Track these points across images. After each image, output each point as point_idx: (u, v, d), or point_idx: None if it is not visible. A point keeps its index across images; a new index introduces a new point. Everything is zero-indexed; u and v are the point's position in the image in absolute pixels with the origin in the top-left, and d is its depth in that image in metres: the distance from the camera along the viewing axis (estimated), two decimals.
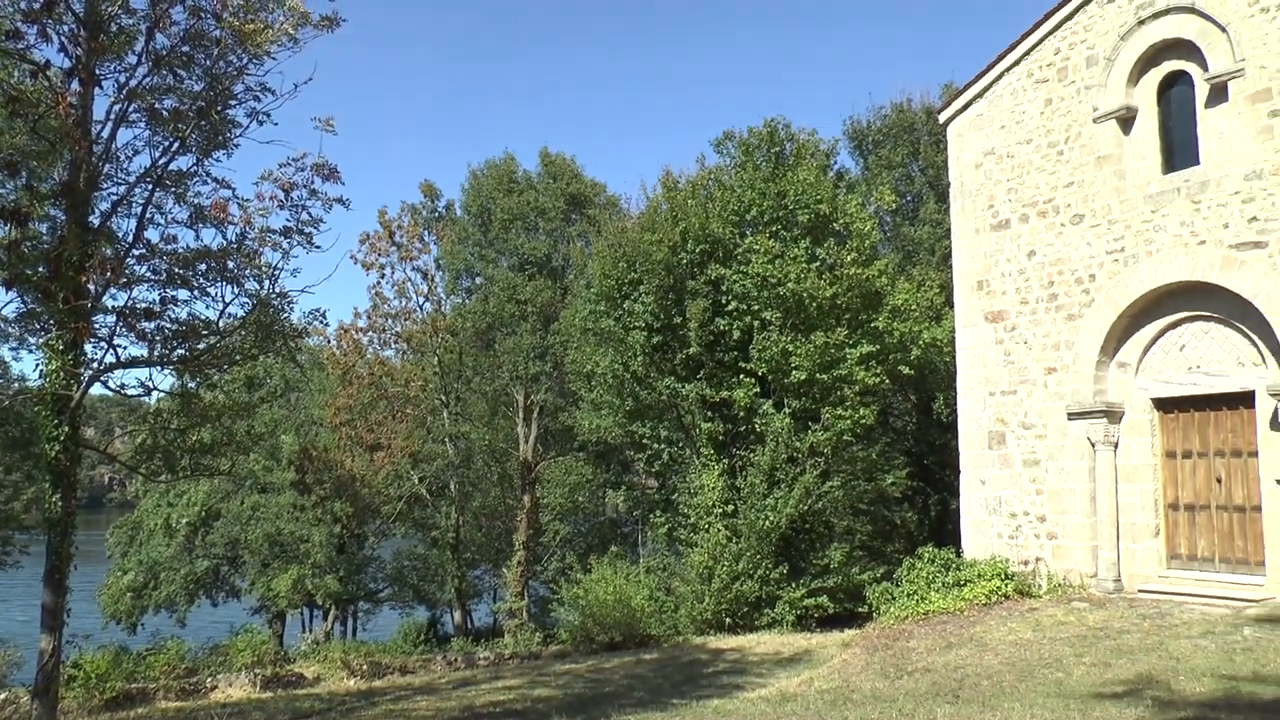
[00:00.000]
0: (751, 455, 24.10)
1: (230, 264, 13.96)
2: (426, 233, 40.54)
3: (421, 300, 39.49)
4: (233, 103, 13.59)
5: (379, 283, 38.49)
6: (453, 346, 38.82)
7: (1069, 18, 18.72)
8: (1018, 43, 19.50)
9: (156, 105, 13.16)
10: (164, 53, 12.88)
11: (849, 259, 24.53)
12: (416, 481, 39.13)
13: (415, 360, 40.40)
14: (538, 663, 20.62)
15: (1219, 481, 16.68)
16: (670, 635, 22.29)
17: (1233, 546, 16.41)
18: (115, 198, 13.08)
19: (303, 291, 15.08)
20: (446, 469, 38.98)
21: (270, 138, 21.34)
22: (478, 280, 40.51)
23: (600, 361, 25.90)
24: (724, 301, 24.74)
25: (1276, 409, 15.54)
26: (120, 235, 13.22)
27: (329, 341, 39.75)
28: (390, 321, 39.20)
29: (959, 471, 20.19)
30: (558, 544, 39.96)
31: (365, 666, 19.60)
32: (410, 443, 37.42)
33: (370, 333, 39.13)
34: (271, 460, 39.24)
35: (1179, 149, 17.28)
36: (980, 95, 20.22)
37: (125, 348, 13.43)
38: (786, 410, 24.17)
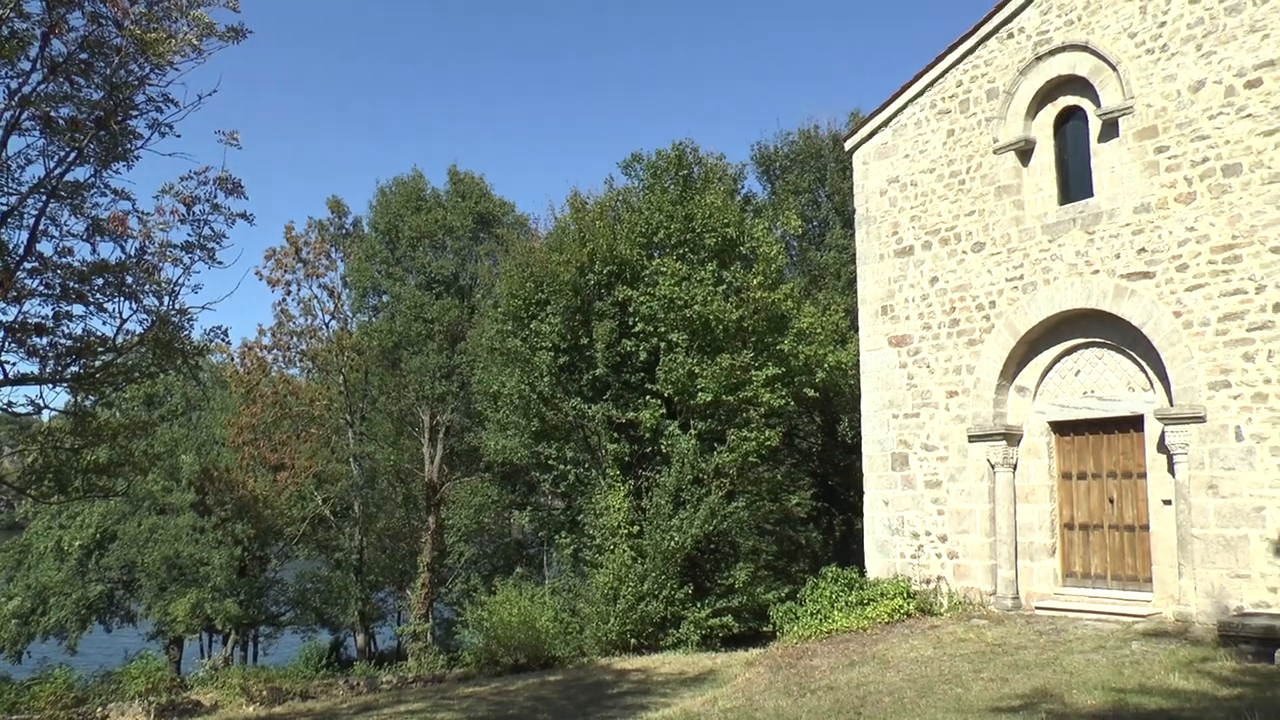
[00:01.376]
0: (657, 476, 24.15)
1: (128, 279, 13.71)
2: (334, 249, 40.16)
3: (328, 318, 39.12)
4: (133, 113, 13.36)
5: (284, 299, 38.03)
6: (358, 365, 38.39)
7: (971, 51, 19.21)
8: (922, 74, 19.93)
9: (52, 113, 12.88)
10: (60, 59, 12.61)
11: (755, 282, 24.77)
12: (320, 502, 38.54)
13: (320, 379, 39.91)
14: (441, 686, 20.42)
15: (1111, 502, 17.18)
16: (575, 656, 22.21)
17: (1124, 564, 16.91)
18: (5, 208, 12.77)
19: (204, 308, 14.87)
20: (351, 489, 38.49)
21: (173, 150, 21.02)
22: (384, 298, 40.07)
23: (506, 382, 25.77)
24: (631, 323, 24.80)
25: (1163, 432, 16.04)
26: (11, 247, 12.90)
27: (232, 359, 39.12)
28: (295, 339, 38.70)
29: (863, 492, 20.48)
30: (463, 565, 39.67)
31: (265, 692, 19.21)
32: (314, 463, 36.88)
33: (275, 350, 38.57)
34: (170, 481, 38.33)
35: (1075, 181, 17.83)
36: (885, 124, 20.61)
37: (14, 364, 13.11)
38: (692, 431, 24.28)
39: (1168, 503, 16.04)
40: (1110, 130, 17.20)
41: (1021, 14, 18.47)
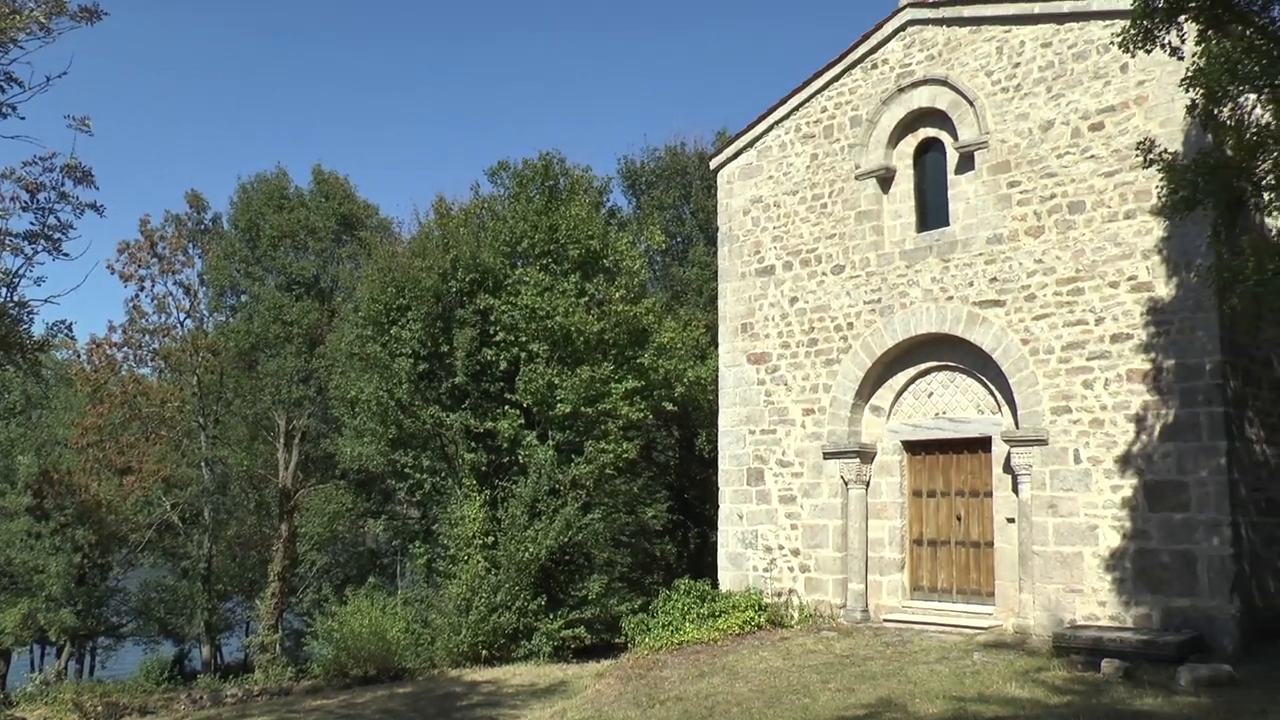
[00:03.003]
0: (514, 487, 23.95)
1: None
2: (191, 246, 38.89)
3: (183, 316, 37.85)
4: None
5: (137, 296, 36.61)
6: (214, 366, 37.20)
7: (837, 79, 19.60)
8: (788, 98, 20.26)
9: None
10: None
11: (617, 295, 24.79)
12: (169, 508, 37.20)
13: (173, 379, 38.62)
14: (288, 699, 19.87)
15: (959, 519, 17.68)
16: (426, 668, 21.87)
17: (969, 579, 17.44)
18: None
19: (46, 301, 14.18)
20: (201, 495, 37.26)
21: (16, 133, 20.02)
22: (243, 298, 38.97)
23: (365, 387, 25.29)
24: (492, 332, 24.57)
25: (1009, 454, 16.57)
26: None
27: (78, 356, 37.60)
28: (148, 337, 37.31)
29: (718, 506, 20.63)
30: (315, 575, 38.75)
31: (100, 708, 18.40)
32: (163, 466, 35.63)
33: (125, 348, 37.12)
34: (4, 483, 36.52)
35: (932, 210, 18.34)
36: (751, 145, 20.87)
37: None
38: (550, 442, 24.16)
39: (1011, 521, 16.57)
40: (967, 163, 17.72)
41: (886, 46, 18.93)
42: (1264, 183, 11.88)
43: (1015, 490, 16.50)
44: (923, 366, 18.25)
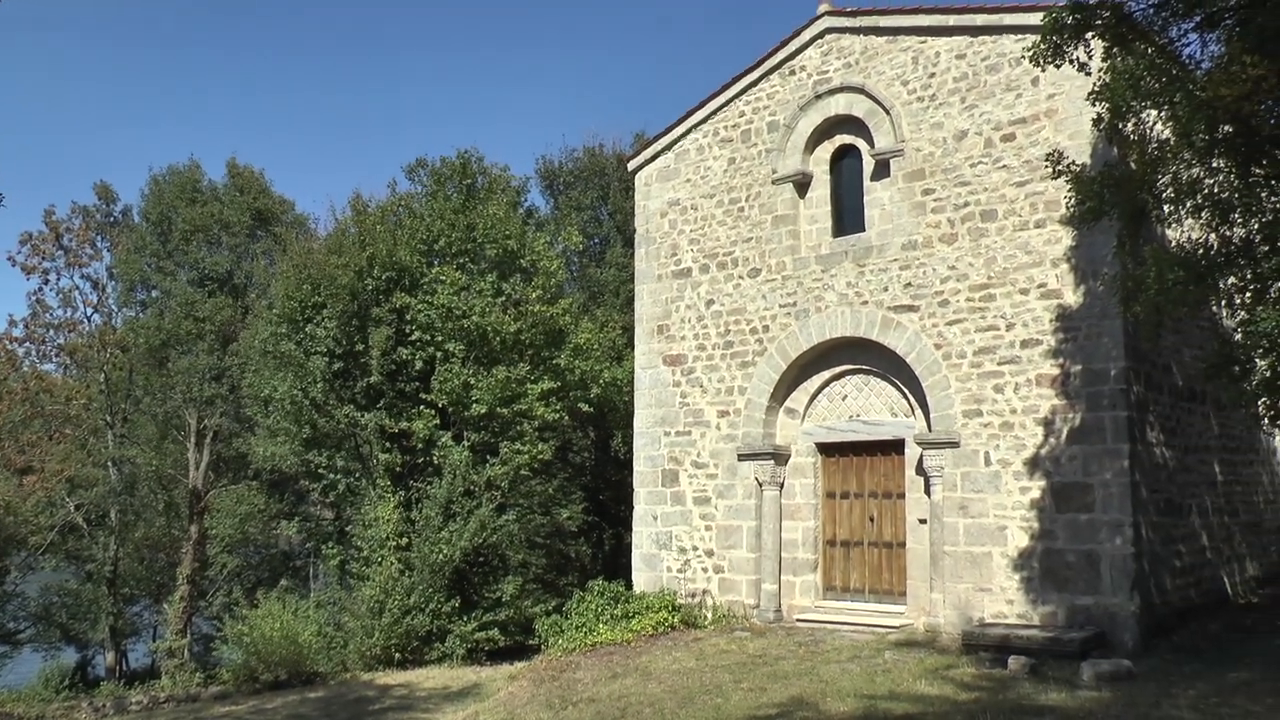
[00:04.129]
0: (429, 488, 23.78)
1: None
2: (99, 238, 37.91)
3: (90, 311, 36.88)
4: None
5: (41, 289, 35.61)
6: (122, 363, 36.35)
7: (755, 84, 19.78)
8: (707, 101, 20.40)
9: None
10: None
11: (534, 296, 24.74)
12: (72, 509, 36.20)
13: (79, 376, 37.66)
14: (196, 705, 19.52)
15: (872, 520, 17.94)
16: (339, 672, 21.61)
17: (881, 579, 17.71)
18: None
19: None
20: (108, 495, 36.33)
21: None
22: (154, 293, 38.14)
23: (278, 386, 24.93)
24: (408, 331, 24.36)
25: (922, 456, 16.83)
26: None
27: None
28: (52, 332, 36.28)
29: (634, 507, 20.69)
30: (225, 578, 38.02)
31: None
32: (67, 466, 34.64)
33: (28, 343, 36.04)
34: None
35: (848, 216, 18.59)
36: (669, 148, 20.97)
37: None
38: (466, 443, 24.02)
39: (923, 522, 16.86)
40: (883, 170, 18.00)
41: (804, 53, 19.15)
42: (1164, 195, 12.25)
43: (927, 492, 16.79)
44: (838, 370, 18.50)
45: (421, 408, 24.24)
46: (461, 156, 26.70)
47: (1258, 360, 12.28)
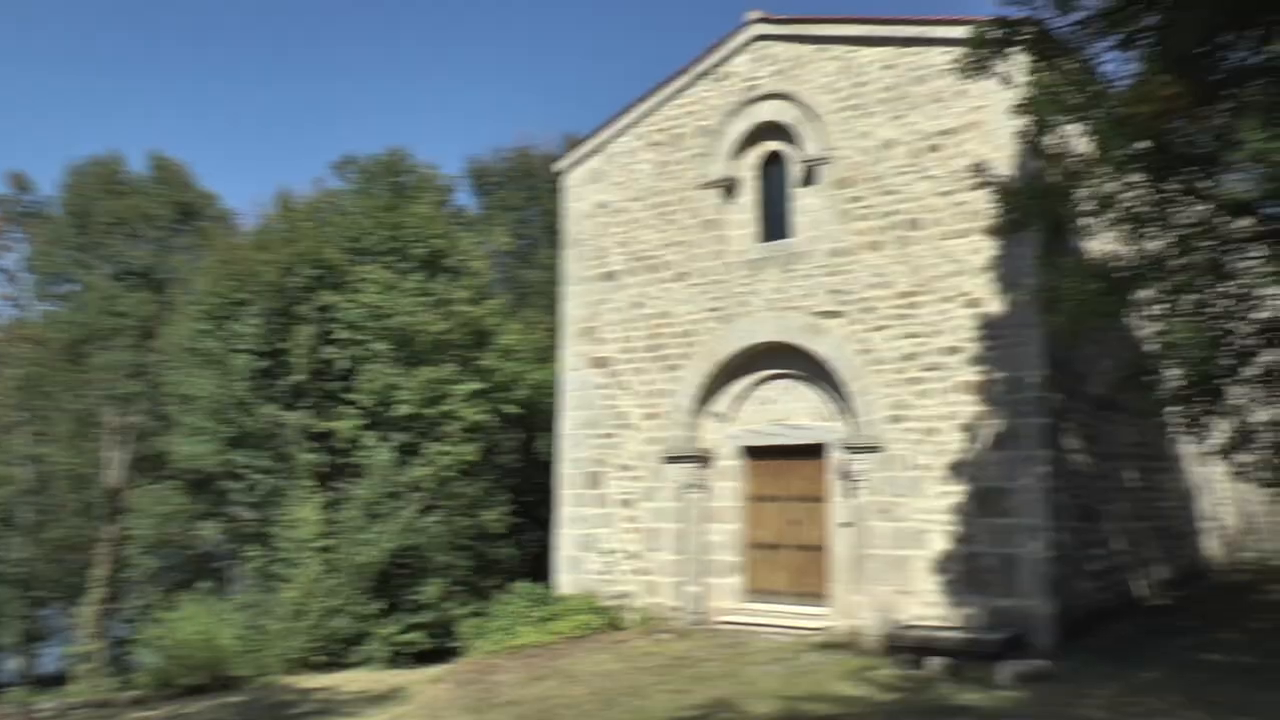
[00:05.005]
0: (352, 488, 23.56)
1: None
2: (14, 229, 37.08)
3: (5, 304, 36.06)
4: None
5: None
6: (38, 358, 35.57)
7: (685, 88, 19.90)
8: (636, 104, 20.48)
9: None
10: None
11: (461, 296, 24.64)
12: None
13: None
14: (109, 711, 19.08)
15: (795, 523, 18.07)
16: (259, 675, 21.25)
17: (803, 581, 17.87)
18: None
19: None
20: (20, 494, 35.49)
21: None
22: (72, 286, 37.35)
23: (200, 384, 24.55)
24: (333, 329, 24.13)
25: (845, 460, 17.05)
26: None
27: None
28: None
29: (558, 509, 20.68)
30: (143, 579, 37.28)
31: None
32: None
33: None
34: None
35: (775, 221, 18.76)
36: (599, 150, 21.01)
37: None
38: (390, 444, 23.84)
39: (846, 525, 17.04)
40: (810, 177, 18.19)
41: (734, 59, 19.30)
42: (1084, 208, 12.53)
43: (850, 495, 17.00)
44: (763, 374, 18.65)
45: (346, 407, 24.02)
46: (390, 154, 26.52)
47: (1169, 370, 12.63)
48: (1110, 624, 16.22)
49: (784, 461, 18.46)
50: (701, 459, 18.84)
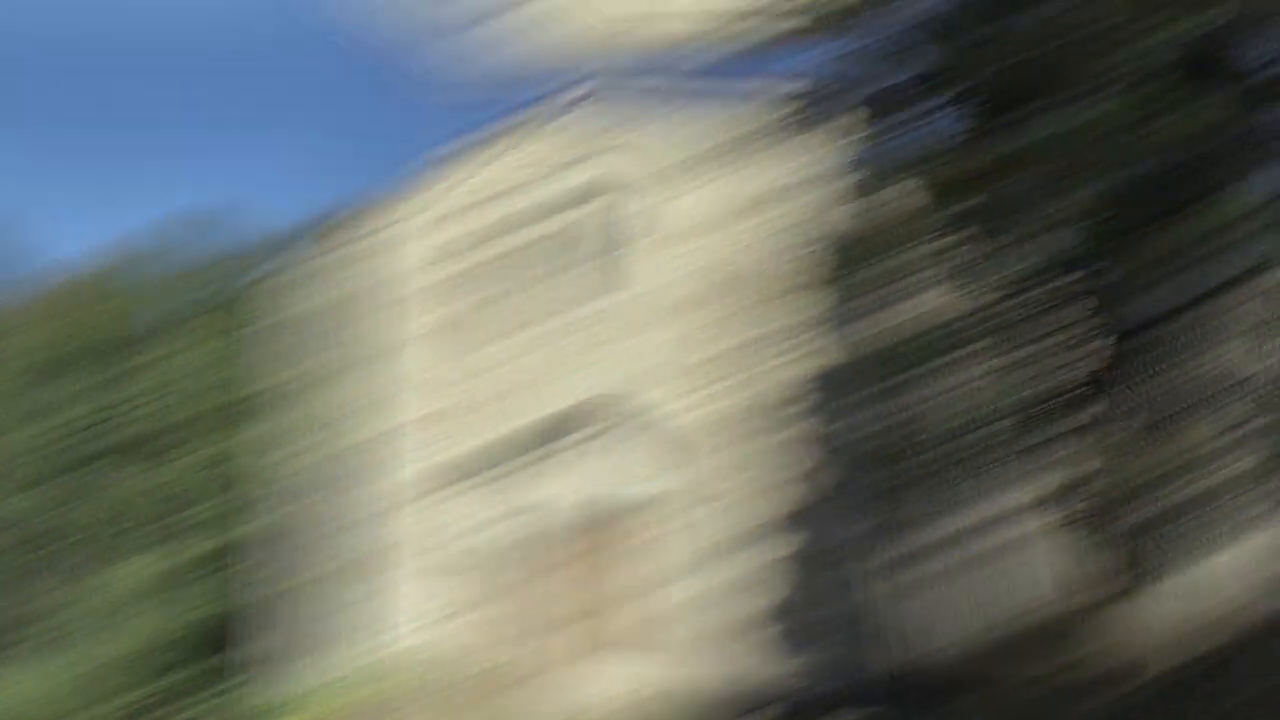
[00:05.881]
0: None
1: None
2: None
3: None
4: None
5: None
6: None
7: (512, 147, 19.58)
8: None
9: None
10: None
11: None
12: None
13: None
14: None
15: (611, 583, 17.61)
16: None
17: (630, 638, 17.21)
18: None
19: None
20: None
21: None
22: None
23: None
24: None
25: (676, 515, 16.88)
26: None
27: None
28: None
29: None
30: None
31: None
32: None
33: None
34: None
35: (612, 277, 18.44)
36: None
37: None
38: None
39: (679, 579, 16.79)
40: (642, 233, 18.21)
41: (564, 116, 19.11)
42: (911, 263, 12.74)
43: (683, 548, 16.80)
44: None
45: None
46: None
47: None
48: (940, 672, 16.36)
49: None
50: None
